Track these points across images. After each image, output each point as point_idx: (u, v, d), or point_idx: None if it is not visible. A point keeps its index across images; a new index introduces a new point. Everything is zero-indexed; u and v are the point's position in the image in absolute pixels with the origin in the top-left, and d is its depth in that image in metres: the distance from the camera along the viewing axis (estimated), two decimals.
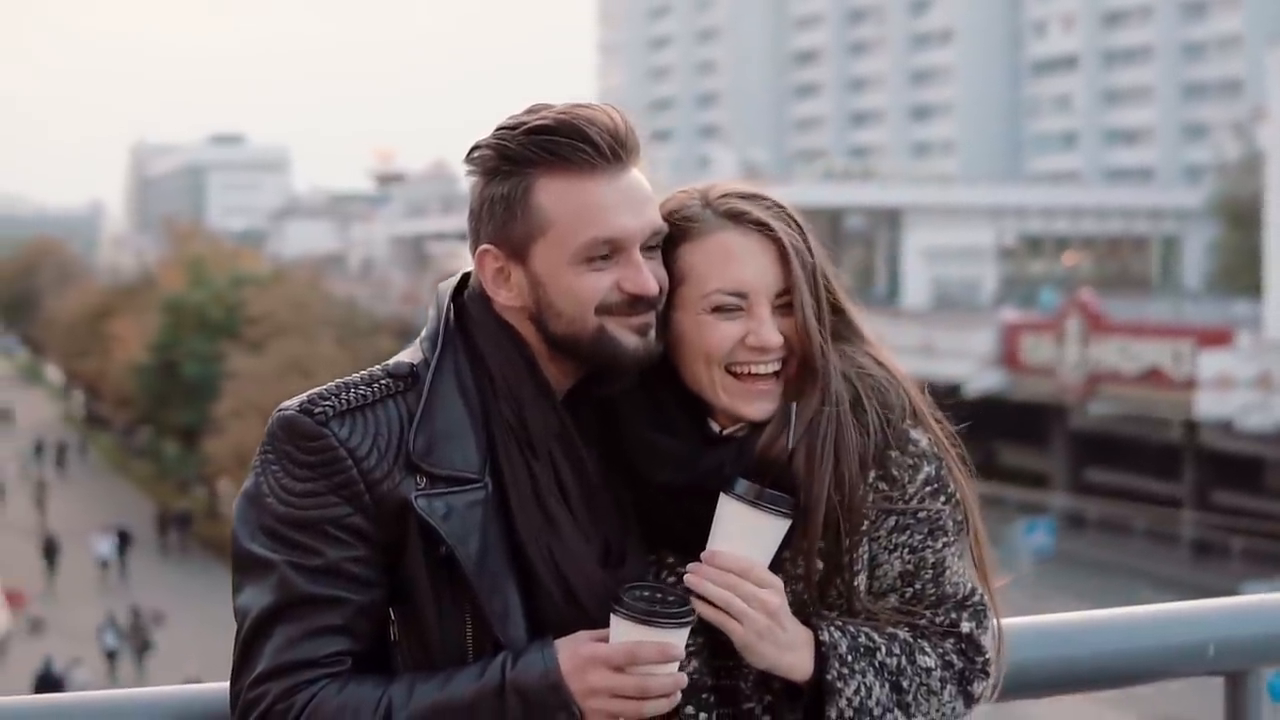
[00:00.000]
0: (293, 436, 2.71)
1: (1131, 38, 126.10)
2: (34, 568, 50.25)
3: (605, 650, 2.59)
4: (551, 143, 2.76)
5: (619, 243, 2.77)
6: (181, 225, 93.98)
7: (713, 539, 2.76)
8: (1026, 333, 55.26)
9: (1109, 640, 3.51)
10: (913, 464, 2.89)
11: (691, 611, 2.63)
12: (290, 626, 2.66)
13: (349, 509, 2.69)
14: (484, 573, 2.68)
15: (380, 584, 2.71)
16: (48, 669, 35.42)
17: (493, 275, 2.82)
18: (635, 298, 2.77)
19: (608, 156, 2.77)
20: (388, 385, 2.78)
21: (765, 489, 2.75)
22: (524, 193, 2.77)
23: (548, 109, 2.81)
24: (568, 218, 2.76)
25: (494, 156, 2.80)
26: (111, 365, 68.33)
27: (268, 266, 75.20)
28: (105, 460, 78.53)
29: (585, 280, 2.77)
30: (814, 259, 2.90)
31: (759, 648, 2.74)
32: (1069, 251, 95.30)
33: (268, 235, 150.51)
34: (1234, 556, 46.23)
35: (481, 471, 2.73)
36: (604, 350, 2.78)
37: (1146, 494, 51.29)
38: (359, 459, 2.69)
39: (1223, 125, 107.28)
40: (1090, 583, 41.27)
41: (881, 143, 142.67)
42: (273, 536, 2.69)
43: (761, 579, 2.74)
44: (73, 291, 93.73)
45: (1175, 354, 48.18)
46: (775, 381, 2.88)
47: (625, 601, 2.59)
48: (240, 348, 55.16)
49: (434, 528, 2.67)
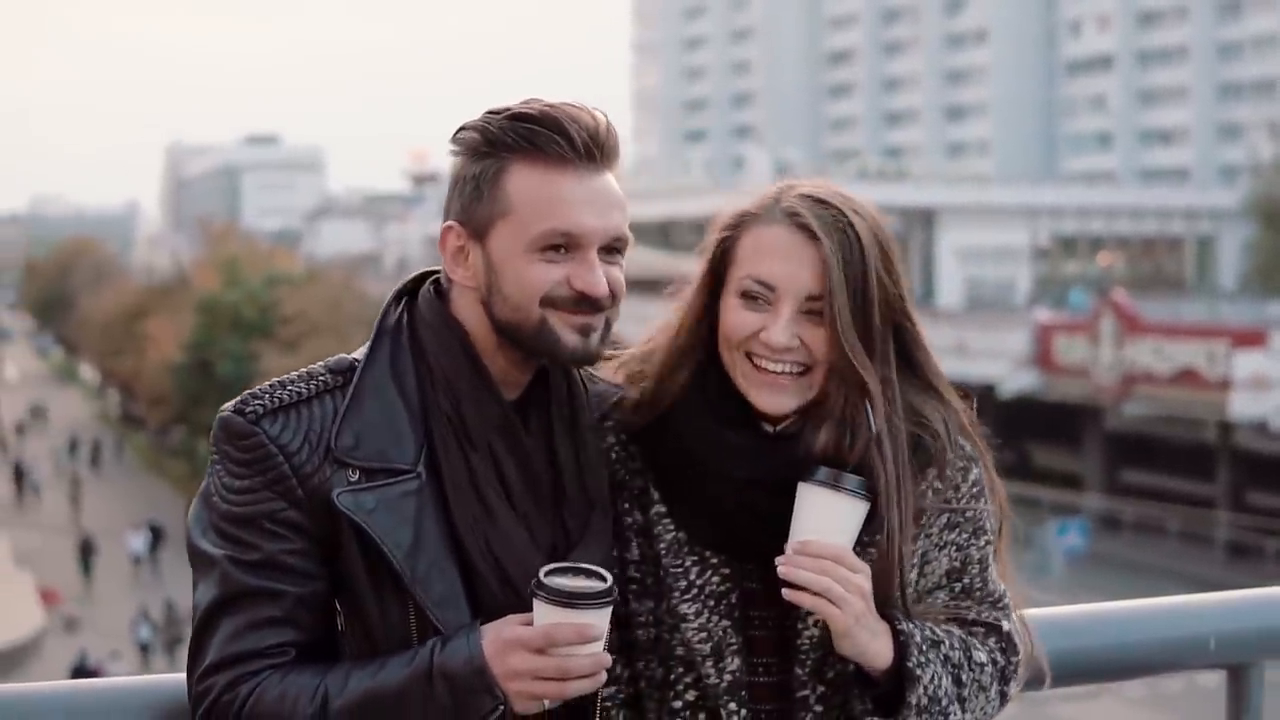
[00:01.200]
0: (229, 436, 2.78)
1: (1167, 38, 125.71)
2: (69, 565, 50.38)
3: (524, 633, 2.61)
4: (530, 130, 2.79)
5: (576, 239, 2.79)
6: (216, 225, 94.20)
7: (796, 528, 2.79)
8: (1060, 333, 55.10)
9: (1112, 633, 3.52)
10: (963, 466, 2.97)
11: (610, 592, 2.62)
12: (233, 620, 2.72)
13: (283, 504, 2.73)
14: (418, 562, 2.71)
15: (320, 576, 2.76)
16: (82, 662, 36.01)
17: (453, 252, 2.86)
18: (581, 296, 2.79)
19: (581, 154, 2.80)
20: (325, 381, 2.83)
21: (844, 474, 2.79)
22: (495, 175, 2.81)
23: (538, 101, 2.85)
24: (530, 205, 2.78)
25: (475, 137, 2.84)
26: (146, 365, 68.51)
27: (302, 266, 75.33)
28: (139, 459, 78.73)
29: (536, 269, 2.78)
30: (867, 275, 2.89)
31: (855, 632, 2.77)
32: (1103, 252, 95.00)
33: (302, 235, 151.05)
34: (1268, 558, 46.07)
35: (416, 463, 2.76)
36: (543, 342, 2.80)
37: (1181, 495, 51.14)
38: (289, 455, 2.74)
39: (1258, 125, 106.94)
40: (1124, 584, 41.13)
41: (916, 143, 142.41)
42: (217, 533, 2.75)
43: (853, 563, 2.78)
44: (108, 291, 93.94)
45: (1210, 355, 48.01)
46: (793, 380, 2.89)
47: (543, 584, 2.60)
48: (274, 347, 55.34)
49: (358, 521, 2.71)
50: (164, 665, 40.44)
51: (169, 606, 42.14)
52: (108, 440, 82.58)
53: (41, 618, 43.40)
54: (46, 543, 55.41)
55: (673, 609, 2.91)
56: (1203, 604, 3.68)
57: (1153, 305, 61.97)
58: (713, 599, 2.90)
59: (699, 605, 2.90)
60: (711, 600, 2.90)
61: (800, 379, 2.89)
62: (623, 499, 2.98)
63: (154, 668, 40.20)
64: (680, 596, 2.90)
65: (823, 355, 2.87)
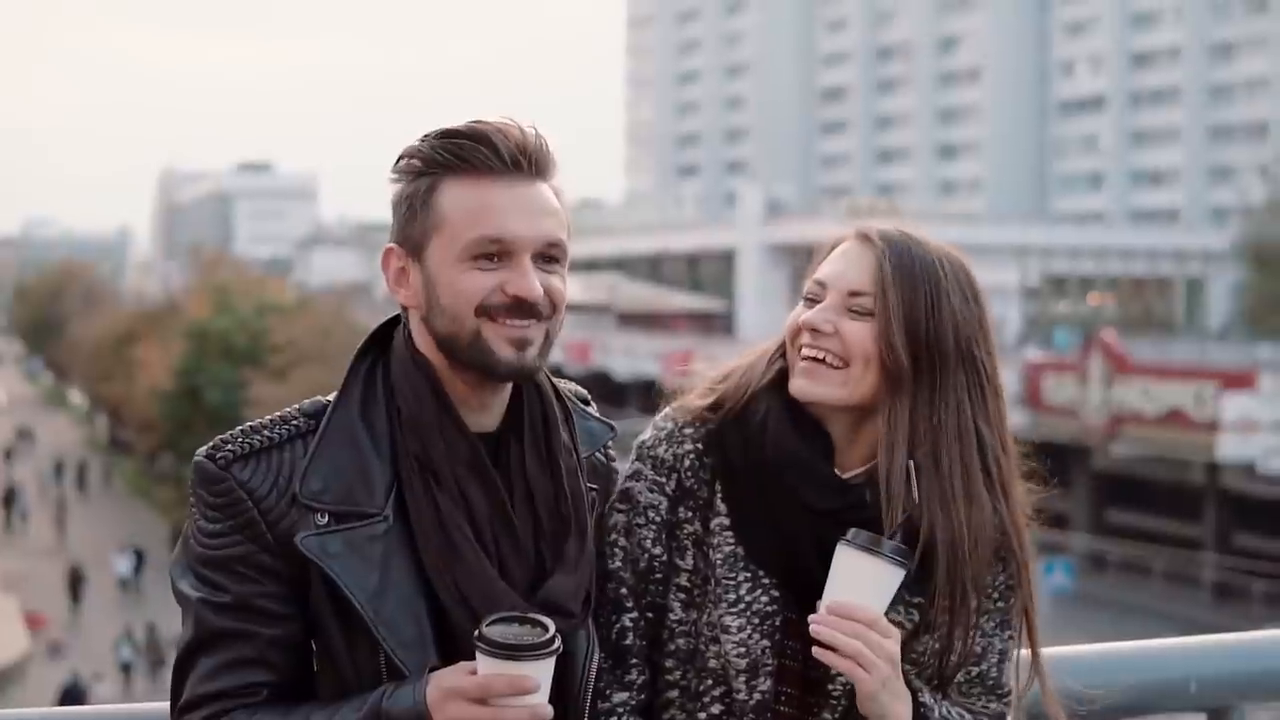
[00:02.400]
0: (202, 480, 2.82)
1: (1159, 79, 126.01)
2: (55, 590, 50.28)
3: (463, 683, 2.62)
4: (456, 145, 2.84)
5: (507, 244, 2.81)
6: (208, 252, 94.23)
7: (831, 588, 2.82)
8: (1049, 373, 55.11)
9: (1092, 675, 3.53)
10: (1005, 557, 3.03)
11: (550, 644, 2.63)
12: (208, 660, 2.77)
13: (254, 548, 2.77)
14: (383, 605, 2.74)
15: (293, 618, 2.79)
16: (75, 682, 36.27)
17: (395, 274, 2.91)
18: (516, 300, 2.80)
19: (508, 164, 2.83)
20: (298, 425, 2.86)
21: (884, 539, 2.81)
22: (427, 192, 2.85)
23: (471, 120, 2.90)
24: (460, 215, 2.81)
25: (409, 161, 2.89)
26: (135, 390, 68.39)
27: (293, 295, 75.28)
28: (127, 485, 78.58)
29: (469, 278, 2.81)
30: (935, 291, 2.96)
31: (880, 697, 2.80)
32: (1093, 292, 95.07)
33: (294, 263, 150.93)
34: (1255, 599, 46.01)
35: (384, 505, 2.79)
36: (478, 354, 2.82)
37: (1167, 536, 51.11)
38: (258, 500, 2.77)
39: (1249, 167, 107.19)
40: (1109, 625, 41.13)
41: (908, 180, 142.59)
42: (194, 575, 2.80)
43: (886, 629, 2.80)
44: (98, 316, 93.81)
45: (1198, 396, 48.02)
46: (828, 369, 2.95)
47: (482, 635, 2.61)
48: (264, 375, 55.30)
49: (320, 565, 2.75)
50: (146, 686, 40.91)
51: (151, 629, 42.36)
52: (95, 464, 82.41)
53: (26, 642, 43.31)
54: (32, 567, 55.27)
55: (717, 620, 2.96)
56: (1183, 647, 3.70)
57: (1142, 346, 61.99)
58: (757, 617, 2.95)
59: (743, 620, 2.94)
60: (756, 618, 2.95)
61: (836, 371, 2.95)
62: (686, 506, 3.02)
63: (136, 688, 40.72)
64: (727, 609, 2.95)
65: (861, 351, 2.93)
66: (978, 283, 3.05)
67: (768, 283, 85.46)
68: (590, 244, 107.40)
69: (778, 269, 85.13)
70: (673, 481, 3.03)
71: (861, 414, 2.98)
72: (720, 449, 3.02)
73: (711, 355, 3.40)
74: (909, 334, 2.92)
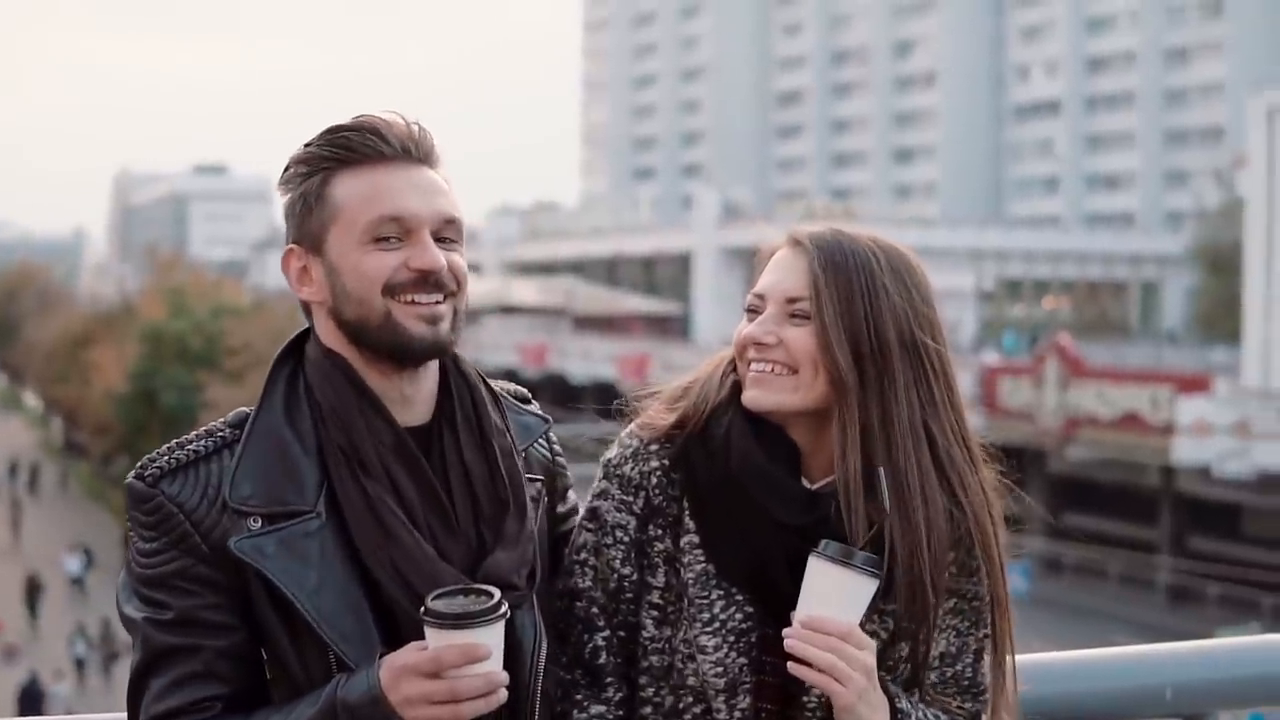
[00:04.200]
0: (134, 502, 2.82)
1: (1114, 83, 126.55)
2: (8, 592, 50.03)
3: (414, 658, 2.62)
4: (344, 138, 2.87)
5: (406, 222, 2.83)
6: (163, 254, 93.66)
7: (804, 602, 2.81)
8: (1005, 376, 55.30)
9: (1067, 682, 3.54)
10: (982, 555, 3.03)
11: (497, 609, 2.63)
12: (158, 680, 2.76)
13: (191, 560, 2.76)
14: (322, 601, 2.74)
15: (239, 627, 2.78)
16: (33, 681, 36.50)
17: (297, 274, 2.92)
18: (421, 274, 2.82)
19: (398, 150, 2.87)
20: (224, 436, 2.87)
21: (855, 549, 2.80)
22: (319, 187, 2.87)
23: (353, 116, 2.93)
24: (356, 201, 2.84)
25: (295, 163, 2.91)
26: (90, 393, 68.09)
27: (249, 297, 75.06)
28: (82, 488, 78.29)
29: (372, 259, 2.82)
30: (870, 289, 2.94)
31: (858, 709, 2.79)
32: (1049, 296, 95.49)
33: (250, 266, 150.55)
34: (1210, 602, 46.26)
35: (315, 501, 2.79)
36: (390, 335, 2.83)
37: (1122, 539, 51.31)
38: (189, 512, 2.77)
39: (1203, 172, 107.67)
40: (1065, 627, 41.21)
41: (864, 184, 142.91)
42: (138, 597, 2.80)
43: (861, 641, 2.80)
44: (53, 318, 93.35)
45: (1154, 399, 48.25)
46: (777, 378, 2.94)
47: (429, 609, 2.61)
48: (219, 378, 55.11)
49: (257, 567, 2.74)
50: (99, 683, 41.38)
51: (105, 624, 42.55)
52: (49, 467, 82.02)
53: None
54: None
55: (692, 639, 2.93)
56: (1159, 654, 3.69)
57: (1097, 350, 62.28)
58: (733, 635, 2.92)
59: (719, 639, 2.92)
60: (732, 636, 2.92)
61: (785, 379, 2.93)
62: (655, 524, 3.00)
63: (89, 684, 41.37)
64: (702, 628, 2.93)
65: (807, 357, 2.91)
66: (919, 271, 3.01)
67: (723, 286, 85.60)
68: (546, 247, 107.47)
69: (733, 272, 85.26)
70: (641, 499, 3.01)
71: (821, 419, 2.95)
72: (687, 466, 3.00)
73: (668, 358, 3.39)
74: (849, 332, 2.90)
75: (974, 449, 3.05)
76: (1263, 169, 54.79)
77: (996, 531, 3.06)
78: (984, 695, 3.05)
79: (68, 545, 55.01)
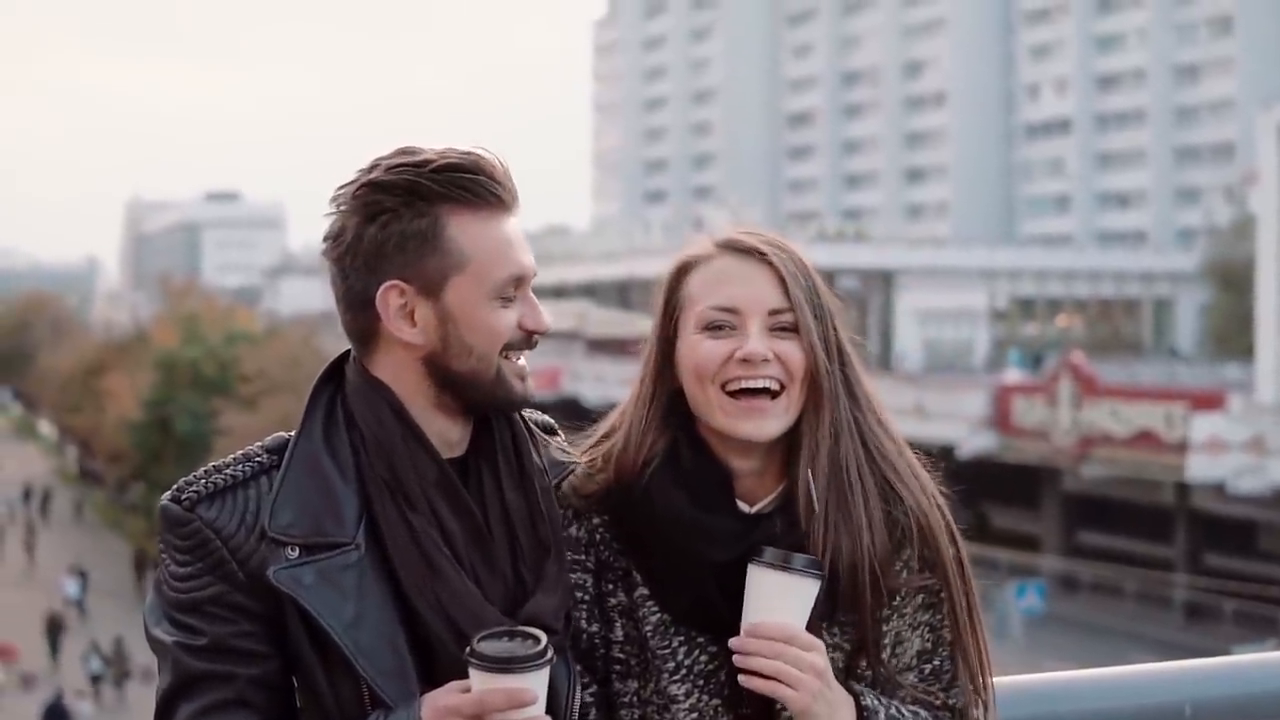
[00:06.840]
0: (169, 525, 2.77)
1: (1124, 102, 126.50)
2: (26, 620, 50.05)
3: (458, 700, 2.59)
4: (464, 179, 2.80)
5: (523, 281, 2.84)
6: (176, 282, 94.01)
7: (748, 611, 2.77)
8: (1019, 395, 55.24)
9: (1087, 700, 3.53)
10: (942, 544, 2.93)
11: (544, 654, 2.59)
12: (188, 705, 2.72)
13: (226, 587, 2.72)
14: (360, 635, 2.70)
15: (272, 655, 2.75)
16: (58, 700, 36.70)
17: (395, 311, 2.80)
18: (530, 335, 2.84)
19: (509, 200, 2.84)
20: (262, 461, 2.81)
21: (791, 552, 2.76)
22: (434, 227, 2.78)
23: (433, 149, 2.84)
24: (486, 254, 2.79)
25: (401, 192, 2.79)
26: (105, 421, 68.27)
27: (262, 324, 75.30)
28: (99, 516, 78.34)
29: (499, 316, 2.81)
30: (818, 289, 2.92)
31: (815, 709, 2.74)
32: (1061, 314, 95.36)
33: (262, 292, 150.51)
34: (1225, 619, 46.14)
35: (355, 533, 2.74)
36: (498, 391, 2.83)
37: (1138, 557, 51.24)
38: (226, 539, 2.72)
39: (1215, 189, 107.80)
40: (1082, 646, 41.19)
41: (875, 205, 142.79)
42: (169, 620, 2.75)
43: (806, 642, 2.74)
44: (67, 346, 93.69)
45: (1167, 417, 48.19)
46: (772, 401, 2.86)
47: (475, 650, 2.58)
48: (233, 405, 55.26)
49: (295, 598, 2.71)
50: (113, 699, 42.18)
51: (119, 642, 42.85)
52: (64, 495, 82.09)
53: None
54: (6, 598, 55.07)
55: (663, 690, 2.89)
56: (1178, 671, 3.70)
57: (1110, 368, 62.21)
58: (702, 678, 2.88)
59: (689, 685, 2.88)
60: (701, 680, 2.88)
61: (777, 400, 2.86)
62: (607, 579, 2.95)
63: (105, 701, 42.08)
64: (669, 678, 2.88)
65: (797, 369, 2.86)
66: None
67: None
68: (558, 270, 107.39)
69: None
70: (592, 558, 2.96)
71: (779, 439, 2.91)
72: (619, 522, 2.95)
73: None
74: (823, 339, 2.88)
75: (900, 441, 2.97)
76: (1274, 185, 54.73)
77: (946, 521, 2.95)
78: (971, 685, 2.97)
79: (65, 568, 55.38)
